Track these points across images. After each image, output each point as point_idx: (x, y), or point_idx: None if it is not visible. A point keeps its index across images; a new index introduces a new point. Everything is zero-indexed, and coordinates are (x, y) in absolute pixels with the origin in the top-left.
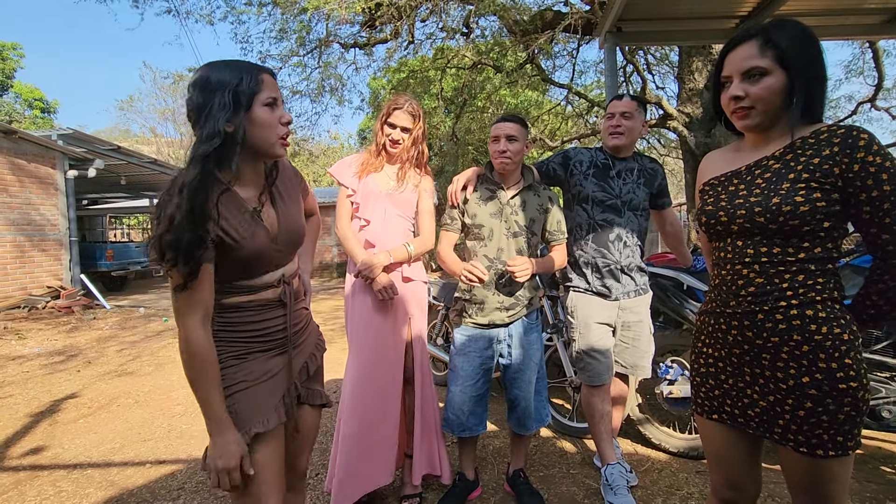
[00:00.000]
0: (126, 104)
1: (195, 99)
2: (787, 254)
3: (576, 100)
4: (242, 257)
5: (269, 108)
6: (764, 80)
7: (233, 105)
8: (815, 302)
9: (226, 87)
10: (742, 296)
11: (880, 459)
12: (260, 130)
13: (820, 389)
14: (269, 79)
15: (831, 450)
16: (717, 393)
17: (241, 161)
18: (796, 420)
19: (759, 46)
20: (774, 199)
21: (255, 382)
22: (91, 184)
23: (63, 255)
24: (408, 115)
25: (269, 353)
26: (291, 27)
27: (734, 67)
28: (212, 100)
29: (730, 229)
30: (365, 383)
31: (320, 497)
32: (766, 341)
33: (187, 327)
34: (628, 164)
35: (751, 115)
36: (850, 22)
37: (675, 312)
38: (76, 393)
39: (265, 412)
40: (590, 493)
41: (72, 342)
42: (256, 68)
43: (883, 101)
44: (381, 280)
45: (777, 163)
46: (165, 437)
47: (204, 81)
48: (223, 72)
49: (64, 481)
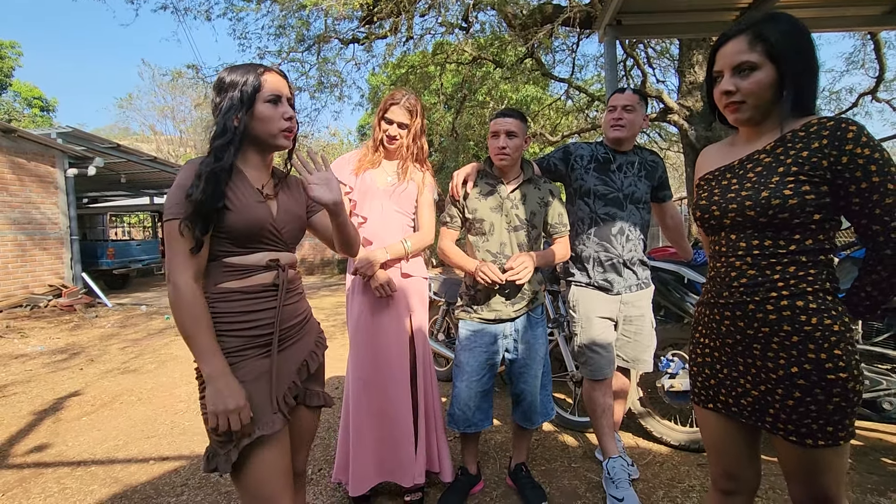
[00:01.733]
0: (125, 102)
1: (213, 99)
2: (779, 246)
3: (576, 94)
4: (235, 225)
5: (272, 104)
6: (753, 74)
7: (239, 103)
8: (807, 293)
9: (235, 86)
10: (734, 287)
11: (881, 451)
12: (261, 124)
13: (808, 379)
14: (273, 77)
15: (821, 439)
16: (713, 382)
17: (249, 150)
18: (786, 409)
19: (749, 41)
20: (764, 193)
21: (253, 381)
22: (91, 182)
23: (64, 253)
24: (404, 110)
25: (264, 350)
26: (290, 23)
27: (724, 62)
28: (223, 99)
29: (722, 223)
30: (370, 380)
31: (323, 492)
32: (756, 331)
33: (180, 281)
34: (629, 157)
35: (742, 109)
36: (850, 13)
37: (676, 306)
38: (79, 391)
39: (267, 413)
40: (591, 487)
41: (74, 340)
42: (261, 69)
43: (884, 93)
44: (378, 277)
45: (768, 156)
46: (168, 434)
47: (219, 83)
48: (233, 74)
49: (68, 478)
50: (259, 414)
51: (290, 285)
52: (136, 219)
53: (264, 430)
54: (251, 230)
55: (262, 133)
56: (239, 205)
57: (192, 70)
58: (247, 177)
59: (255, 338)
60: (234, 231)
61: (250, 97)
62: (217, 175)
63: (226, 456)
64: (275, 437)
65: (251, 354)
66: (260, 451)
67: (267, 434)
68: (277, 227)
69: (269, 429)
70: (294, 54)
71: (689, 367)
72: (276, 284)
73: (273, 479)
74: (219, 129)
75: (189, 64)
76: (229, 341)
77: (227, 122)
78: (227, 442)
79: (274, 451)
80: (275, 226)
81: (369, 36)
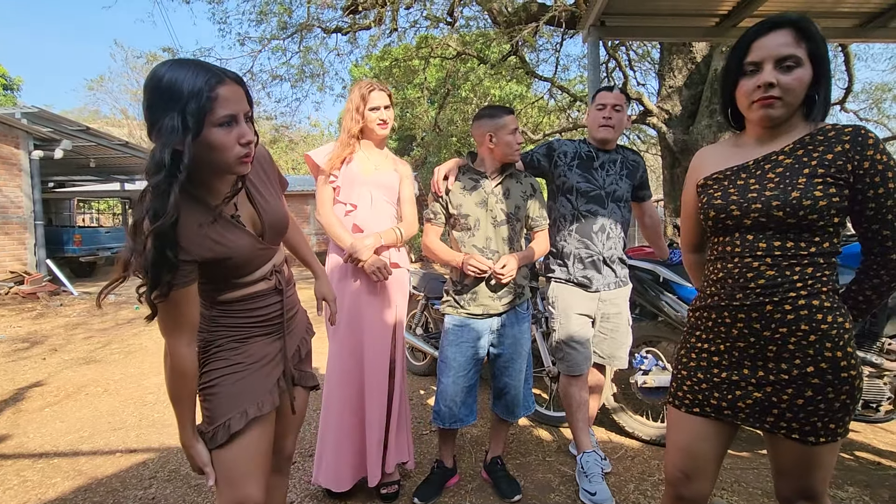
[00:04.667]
0: (96, 84)
1: (146, 107)
2: (800, 248)
3: (558, 94)
4: (230, 265)
5: (225, 127)
6: (797, 70)
7: (181, 129)
8: (821, 293)
9: (177, 102)
10: (751, 288)
11: (840, 447)
12: (214, 154)
13: (823, 378)
14: (228, 92)
15: (822, 436)
16: (705, 386)
17: (203, 171)
18: (793, 409)
19: (795, 36)
20: (794, 194)
21: (252, 365)
22: (58, 165)
23: (28, 238)
24: (382, 92)
25: (268, 338)
26: (272, 9)
27: (767, 53)
28: (161, 119)
29: (741, 223)
30: (354, 372)
31: (297, 486)
32: (773, 332)
33: (172, 346)
34: (612, 155)
35: (776, 105)
36: (826, 24)
37: (651, 304)
38: (42, 381)
39: (260, 395)
40: (565, 480)
41: (37, 329)
42: (213, 81)
43: (853, 104)
44: (372, 261)
45: (788, 158)
46: (136, 426)
47: (155, 88)
48: (175, 84)
49: (28, 470)
50: (252, 395)
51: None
52: (106, 205)
53: (254, 412)
54: (247, 262)
55: (216, 163)
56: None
57: (168, 53)
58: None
59: (262, 326)
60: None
61: (197, 122)
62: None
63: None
64: (260, 419)
65: (256, 341)
66: (244, 430)
67: (256, 416)
68: (265, 242)
69: (259, 411)
70: (276, 42)
71: (676, 372)
72: (278, 289)
73: (248, 458)
74: (155, 162)
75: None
76: (237, 331)
77: (165, 155)
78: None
79: (256, 432)
80: (263, 247)
81: (353, 26)
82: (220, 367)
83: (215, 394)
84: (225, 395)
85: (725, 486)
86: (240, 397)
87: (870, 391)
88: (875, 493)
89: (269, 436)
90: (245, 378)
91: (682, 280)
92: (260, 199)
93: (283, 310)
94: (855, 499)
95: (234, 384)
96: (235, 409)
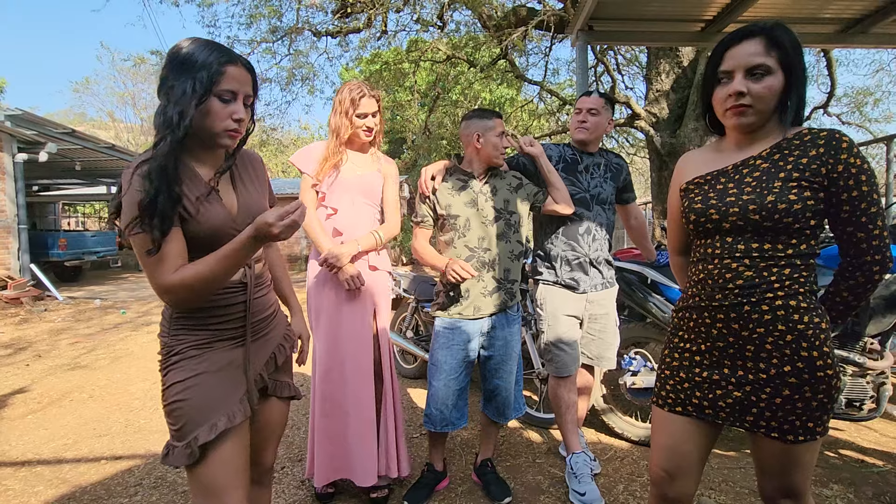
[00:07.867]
0: (82, 86)
1: (164, 68)
2: (777, 250)
3: (548, 97)
4: (199, 234)
5: (224, 101)
6: (766, 79)
7: (190, 92)
8: (799, 293)
9: (192, 69)
10: (730, 289)
11: (824, 445)
12: (207, 120)
13: (799, 378)
14: (236, 72)
15: (801, 435)
16: (687, 386)
17: (195, 141)
18: (771, 408)
19: (765, 45)
20: (769, 197)
21: (217, 374)
22: (43, 169)
23: (11, 242)
24: (372, 99)
25: (231, 343)
26: (262, 12)
27: (738, 62)
28: (174, 82)
29: (720, 226)
30: (335, 375)
31: (286, 490)
32: (751, 332)
33: (163, 281)
34: (595, 159)
35: (747, 113)
36: (808, 30)
37: (639, 306)
38: (25, 388)
39: (230, 405)
40: (555, 482)
41: (20, 335)
42: (224, 59)
43: (835, 108)
44: (347, 270)
45: (765, 162)
46: (122, 433)
47: (176, 57)
48: (193, 55)
49: (10, 479)
50: (221, 406)
51: (258, 280)
52: (92, 209)
53: (225, 424)
54: (210, 238)
55: (205, 128)
56: (195, 213)
57: (157, 56)
58: (198, 175)
59: (225, 330)
60: (198, 241)
61: (204, 88)
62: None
63: (184, 449)
64: (233, 430)
65: (219, 347)
66: (217, 443)
67: (227, 427)
68: (239, 228)
69: (230, 422)
70: (266, 45)
71: (660, 372)
72: (243, 282)
73: (226, 471)
74: (164, 121)
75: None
76: (199, 334)
77: (175, 111)
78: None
79: (230, 444)
80: (236, 228)
81: (343, 29)
82: (183, 380)
83: (181, 408)
84: (192, 407)
85: (713, 486)
86: (208, 410)
87: (853, 390)
88: (859, 490)
89: (245, 447)
90: (212, 388)
91: (669, 281)
92: (242, 187)
93: (246, 311)
94: (839, 496)
95: (201, 396)
96: (205, 422)
